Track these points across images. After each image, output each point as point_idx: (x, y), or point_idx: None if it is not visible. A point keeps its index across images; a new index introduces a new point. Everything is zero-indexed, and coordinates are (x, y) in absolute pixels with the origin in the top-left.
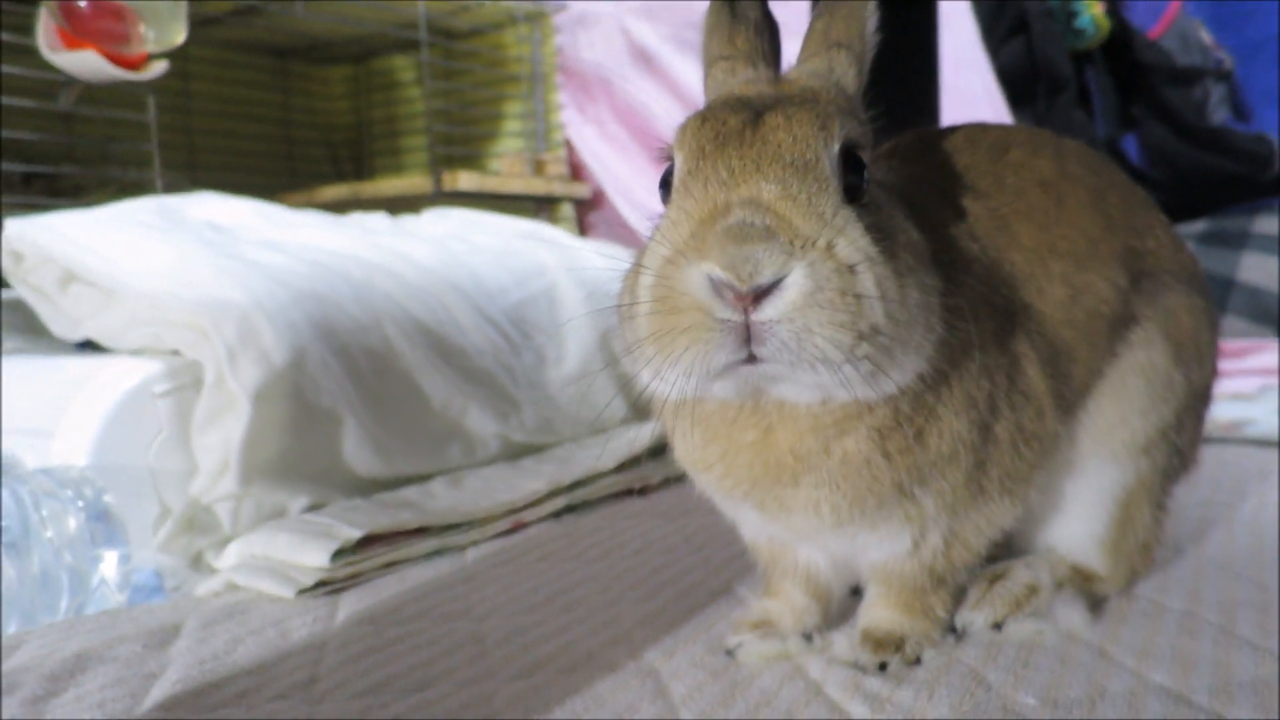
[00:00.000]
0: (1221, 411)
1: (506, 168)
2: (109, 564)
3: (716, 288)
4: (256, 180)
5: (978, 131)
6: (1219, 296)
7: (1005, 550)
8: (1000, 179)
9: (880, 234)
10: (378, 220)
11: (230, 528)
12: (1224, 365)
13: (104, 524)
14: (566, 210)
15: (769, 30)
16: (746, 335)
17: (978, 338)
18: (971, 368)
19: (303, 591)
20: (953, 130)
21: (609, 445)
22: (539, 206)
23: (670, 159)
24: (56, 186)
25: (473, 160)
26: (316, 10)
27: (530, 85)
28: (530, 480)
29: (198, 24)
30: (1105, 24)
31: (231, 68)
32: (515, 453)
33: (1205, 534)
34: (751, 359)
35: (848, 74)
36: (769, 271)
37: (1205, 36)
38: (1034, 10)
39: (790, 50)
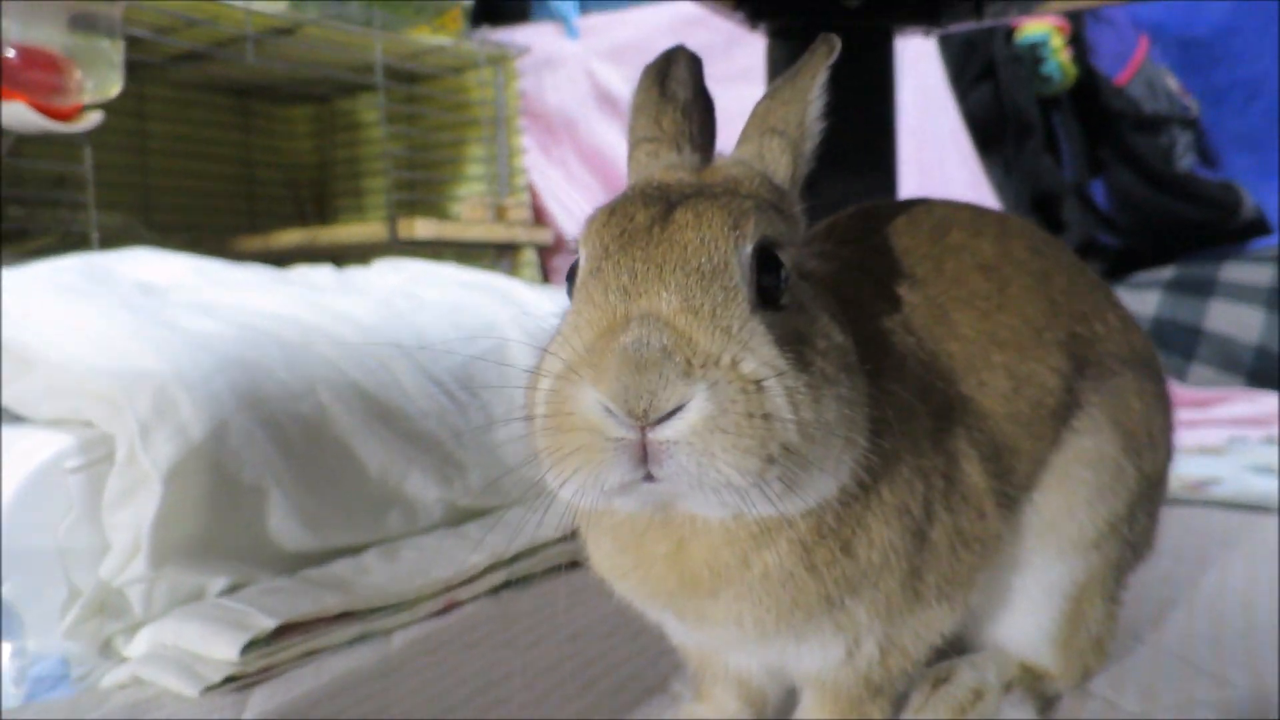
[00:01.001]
0: (1188, 468)
1: (467, 213)
2: (4, 658)
3: (609, 411)
4: (215, 222)
5: (920, 210)
6: (1187, 345)
7: (952, 648)
8: (940, 264)
9: (797, 341)
10: (323, 275)
11: (143, 612)
12: (1191, 415)
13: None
14: (530, 256)
15: (700, 112)
16: (643, 454)
17: (911, 440)
18: (903, 473)
19: (210, 688)
20: (895, 207)
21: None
22: (500, 253)
23: (577, 252)
24: (7, 236)
25: (433, 205)
26: (270, 55)
27: (493, 129)
28: (471, 552)
29: (152, 65)
30: (1072, 70)
31: (190, 107)
32: (460, 518)
33: (1164, 617)
34: (650, 477)
35: (779, 162)
36: (668, 402)
37: (1172, 83)
38: (1001, 56)
39: None
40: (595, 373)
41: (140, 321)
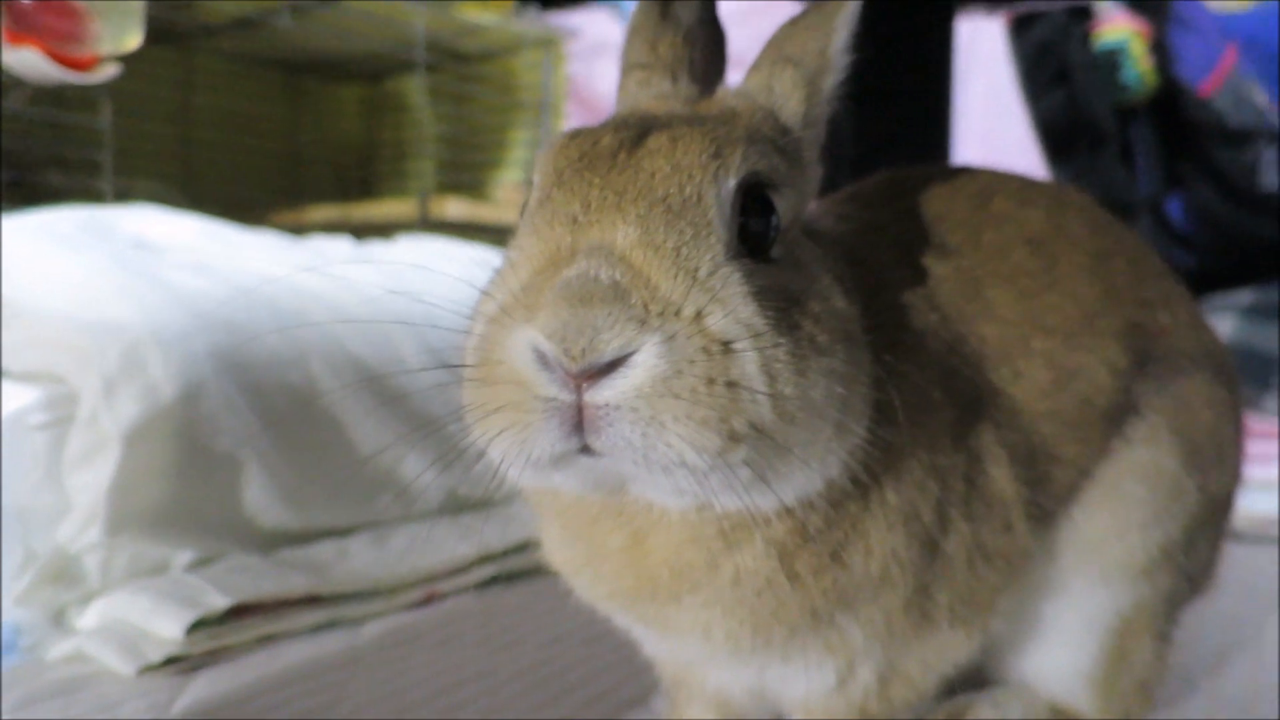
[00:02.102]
0: (1257, 503)
1: (505, 198)
2: None
3: (542, 359)
4: (255, 197)
5: (961, 175)
6: (1263, 373)
7: (969, 681)
8: (978, 234)
9: (783, 300)
10: (339, 245)
11: (99, 582)
12: (1267, 449)
13: None
14: None
15: (706, 41)
16: (578, 419)
17: (926, 432)
18: (914, 471)
19: (148, 669)
20: (932, 172)
21: None
22: None
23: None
24: (38, 193)
25: (475, 188)
26: (316, 26)
27: (538, 113)
28: (462, 543)
29: (200, 34)
30: (1152, 79)
31: (238, 81)
32: (460, 507)
33: (1225, 662)
34: (589, 449)
35: (789, 97)
36: (610, 345)
37: (1260, 97)
38: (1077, 61)
39: None
40: (530, 310)
41: (126, 276)
